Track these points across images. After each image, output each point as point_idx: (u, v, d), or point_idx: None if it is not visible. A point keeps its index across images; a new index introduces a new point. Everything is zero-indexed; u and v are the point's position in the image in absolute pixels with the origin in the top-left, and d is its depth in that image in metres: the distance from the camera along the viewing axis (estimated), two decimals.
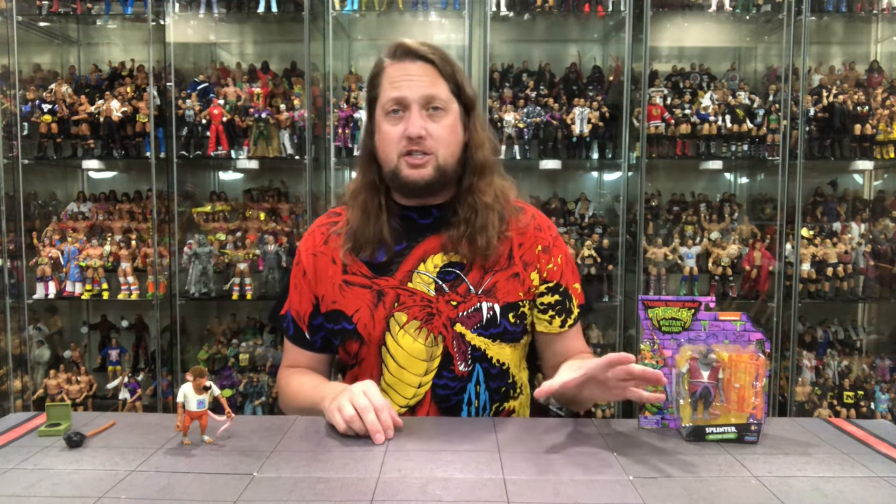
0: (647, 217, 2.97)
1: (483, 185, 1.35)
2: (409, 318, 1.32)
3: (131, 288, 2.98)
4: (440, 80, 1.31)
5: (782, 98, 2.92)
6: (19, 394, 3.04)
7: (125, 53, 3.23)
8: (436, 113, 1.30)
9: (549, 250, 1.40)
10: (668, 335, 1.18)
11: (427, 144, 1.29)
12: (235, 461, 1.02)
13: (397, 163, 1.31)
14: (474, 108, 1.38)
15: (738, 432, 1.12)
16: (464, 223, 1.32)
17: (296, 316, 1.42)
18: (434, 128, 1.29)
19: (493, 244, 1.33)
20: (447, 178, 1.34)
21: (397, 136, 1.29)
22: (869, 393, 2.96)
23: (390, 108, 1.30)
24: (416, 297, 1.32)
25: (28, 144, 3.03)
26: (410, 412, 1.33)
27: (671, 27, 3.17)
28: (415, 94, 1.28)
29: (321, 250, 1.40)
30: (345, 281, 1.36)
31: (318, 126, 3.06)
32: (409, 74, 1.30)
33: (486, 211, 1.33)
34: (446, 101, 1.31)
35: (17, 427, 1.18)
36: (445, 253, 1.34)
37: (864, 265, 2.99)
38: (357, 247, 1.35)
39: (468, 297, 1.33)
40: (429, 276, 1.33)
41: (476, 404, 1.35)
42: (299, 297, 1.41)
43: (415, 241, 1.36)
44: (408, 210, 1.38)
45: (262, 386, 2.94)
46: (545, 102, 3.00)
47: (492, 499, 0.90)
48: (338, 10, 2.92)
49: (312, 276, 1.39)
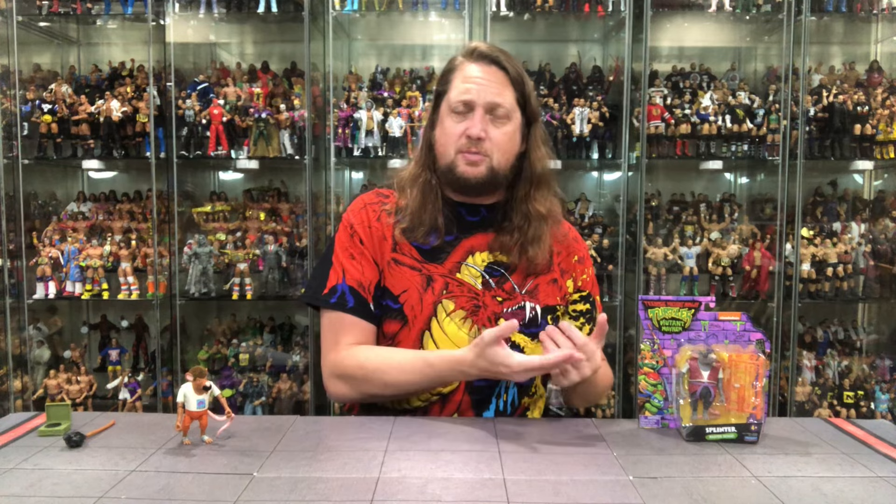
0: (647, 217, 2.97)
1: (539, 197, 1.40)
2: (456, 306, 1.34)
3: (131, 288, 2.98)
4: (508, 88, 1.35)
5: (782, 98, 2.92)
6: (19, 394, 3.04)
7: (125, 53, 3.23)
8: (498, 119, 1.35)
9: (584, 261, 1.49)
10: (668, 335, 1.18)
11: (485, 146, 1.33)
12: (235, 461, 1.02)
13: (454, 158, 1.35)
14: (536, 121, 1.43)
15: (738, 432, 1.12)
16: (517, 230, 1.37)
17: (357, 286, 1.35)
18: (494, 132, 1.34)
19: (544, 256, 1.38)
20: (498, 181, 1.38)
21: (458, 133, 1.34)
22: (869, 393, 2.96)
23: (457, 107, 1.34)
24: (464, 287, 1.36)
25: (28, 144, 3.02)
26: (441, 401, 1.34)
27: (671, 27, 3.17)
28: (482, 98, 1.33)
29: (374, 225, 1.40)
30: (394, 259, 1.37)
31: (317, 126, 3.06)
32: (480, 77, 1.34)
33: (539, 221, 1.38)
34: (510, 109, 1.35)
35: (17, 427, 1.18)
36: (491, 252, 1.39)
37: (864, 265, 2.99)
38: (411, 228, 1.37)
39: (513, 295, 1.37)
40: (476, 270, 1.37)
41: (505, 398, 1.37)
42: (361, 266, 1.36)
43: (463, 235, 1.40)
44: (458, 206, 1.42)
45: (262, 386, 2.94)
46: (545, 102, 3.00)
47: (492, 499, 0.90)
48: (338, 10, 2.92)
49: (371, 247, 1.38)
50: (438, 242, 1.37)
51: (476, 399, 1.34)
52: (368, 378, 1.30)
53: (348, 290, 1.35)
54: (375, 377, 1.30)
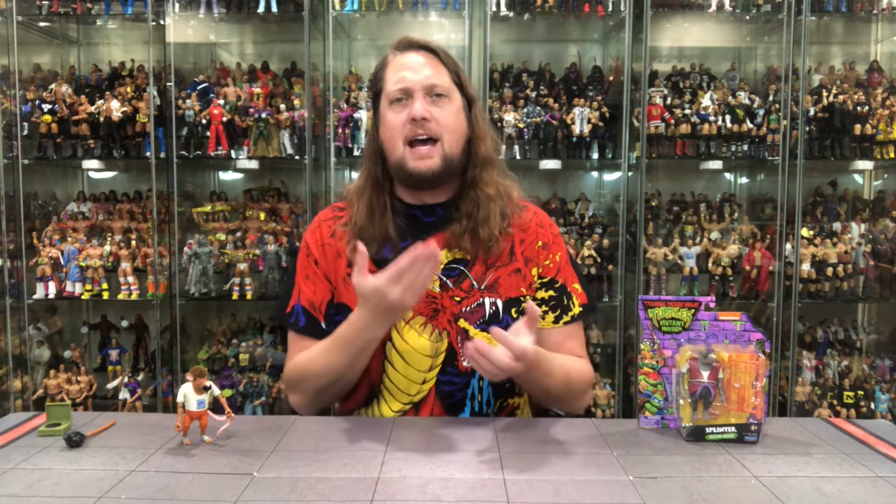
0: (647, 217, 2.97)
1: (485, 178, 1.37)
2: (414, 313, 1.33)
3: (131, 288, 2.98)
4: (443, 69, 1.35)
5: (782, 98, 2.92)
6: (19, 394, 3.04)
7: (125, 53, 3.23)
8: (439, 99, 1.33)
9: (549, 247, 1.42)
10: (668, 335, 1.18)
11: (432, 128, 1.31)
12: (235, 461, 1.02)
13: (403, 152, 1.32)
14: (475, 103, 1.41)
15: (738, 432, 1.12)
16: (466, 217, 1.35)
17: (309, 306, 1.38)
18: (438, 112, 1.32)
19: (494, 236, 1.34)
20: (453, 169, 1.35)
21: (402, 121, 1.32)
22: (869, 393, 2.96)
23: (395, 96, 1.33)
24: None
25: (28, 144, 3.03)
26: (414, 409, 1.33)
27: (671, 27, 3.17)
28: (418, 81, 1.31)
29: (328, 242, 1.40)
30: (349, 275, 1.35)
31: (317, 126, 3.06)
32: (413, 62, 1.33)
33: (488, 203, 1.35)
34: (448, 88, 1.34)
35: (17, 427, 1.18)
36: (449, 250, 1.36)
37: (864, 265, 2.98)
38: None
39: (471, 293, 1.35)
40: (433, 273, 1.34)
41: (479, 398, 1.35)
42: (313, 286, 1.39)
43: (419, 239, 1.35)
44: (412, 209, 1.40)
45: (262, 386, 2.94)
46: (545, 102, 3.00)
47: (492, 499, 0.90)
48: (338, 10, 2.92)
49: (325, 266, 1.39)
50: (394, 252, 1.33)
51: (448, 403, 1.33)
52: (304, 375, 1.34)
53: (301, 311, 1.39)
54: (308, 372, 1.33)
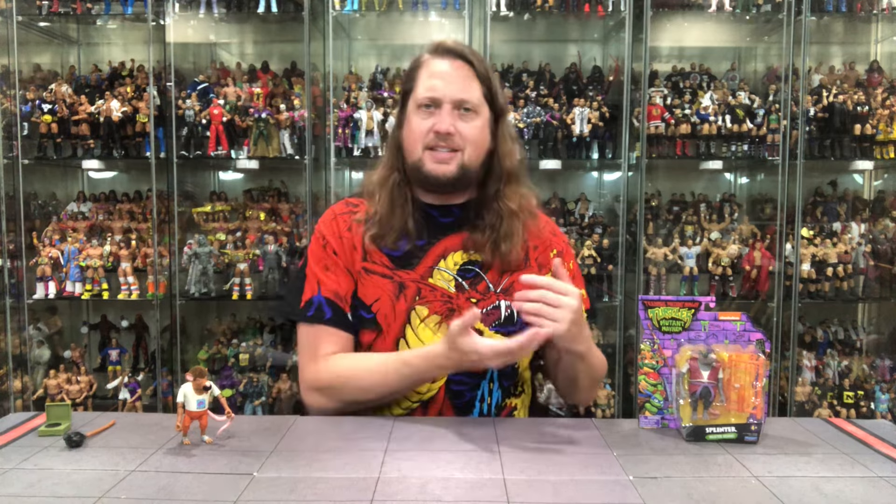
0: (647, 217, 2.97)
1: (509, 193, 1.38)
2: (430, 312, 1.33)
3: (131, 288, 2.98)
4: (475, 83, 1.34)
5: (782, 98, 2.92)
6: (19, 394, 3.04)
7: (125, 53, 3.23)
8: (466, 114, 1.33)
9: (562, 255, 1.45)
10: (668, 335, 1.18)
11: (454, 141, 1.32)
12: (235, 461, 1.02)
13: (421, 155, 1.33)
14: (503, 116, 1.40)
15: (738, 432, 1.12)
16: (489, 228, 1.36)
17: (335, 297, 1.34)
18: (463, 127, 1.33)
19: (516, 251, 1.36)
20: (469, 178, 1.36)
21: (425, 129, 1.32)
22: (869, 393, 2.96)
23: (423, 102, 1.33)
24: (437, 292, 1.34)
25: (28, 144, 3.02)
26: (423, 407, 1.32)
27: (671, 27, 3.17)
28: (448, 94, 1.31)
29: (345, 235, 1.38)
30: (365, 268, 1.35)
31: (317, 126, 3.05)
32: (447, 72, 1.33)
33: (511, 218, 1.36)
34: (477, 104, 1.34)
35: (17, 427, 1.18)
36: (465, 252, 1.37)
37: (864, 265, 2.98)
38: (381, 234, 1.35)
39: (487, 295, 1.35)
40: (449, 274, 1.35)
41: (489, 401, 1.35)
42: (336, 277, 1.35)
43: (435, 238, 1.38)
44: (429, 208, 1.40)
45: (261, 386, 2.94)
46: (545, 102, 3.00)
47: (492, 499, 0.90)
48: (338, 10, 2.91)
49: (344, 258, 1.37)
50: (409, 247, 1.35)
51: (457, 403, 1.33)
52: (346, 385, 1.30)
53: (325, 302, 1.34)
54: (352, 384, 1.30)
